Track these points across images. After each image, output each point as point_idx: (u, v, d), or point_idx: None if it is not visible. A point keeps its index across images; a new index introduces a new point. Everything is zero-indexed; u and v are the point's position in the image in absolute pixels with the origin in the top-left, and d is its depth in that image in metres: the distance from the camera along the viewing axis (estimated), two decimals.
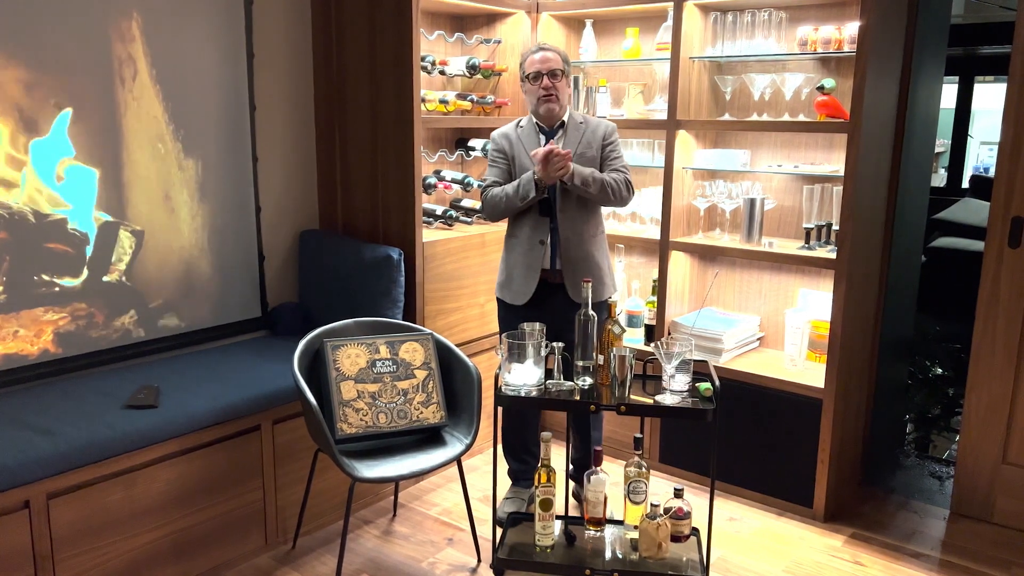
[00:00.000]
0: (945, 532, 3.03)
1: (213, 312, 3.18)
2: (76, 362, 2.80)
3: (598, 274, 2.89)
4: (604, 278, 2.94)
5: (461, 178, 3.56)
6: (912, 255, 3.55)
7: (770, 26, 3.15)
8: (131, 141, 2.86)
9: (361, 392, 2.63)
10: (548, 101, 2.82)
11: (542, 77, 2.81)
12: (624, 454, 3.43)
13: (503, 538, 2.62)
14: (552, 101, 2.82)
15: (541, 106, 2.84)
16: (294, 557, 2.79)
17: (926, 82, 3.28)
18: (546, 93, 2.81)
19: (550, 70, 2.81)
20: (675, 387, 2.44)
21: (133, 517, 2.43)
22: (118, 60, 2.79)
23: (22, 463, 2.18)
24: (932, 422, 4.05)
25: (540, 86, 2.82)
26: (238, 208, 3.21)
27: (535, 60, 2.83)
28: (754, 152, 3.39)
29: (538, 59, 2.82)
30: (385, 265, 3.09)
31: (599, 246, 2.94)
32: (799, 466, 3.08)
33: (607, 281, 2.96)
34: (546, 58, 2.82)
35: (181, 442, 2.51)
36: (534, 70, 2.82)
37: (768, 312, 3.44)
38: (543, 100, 2.83)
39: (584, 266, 2.86)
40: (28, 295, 2.67)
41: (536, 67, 2.82)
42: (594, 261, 2.90)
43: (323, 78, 3.39)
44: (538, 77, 2.82)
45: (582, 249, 2.87)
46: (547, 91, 2.81)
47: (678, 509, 2.54)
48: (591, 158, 2.87)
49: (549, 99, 2.82)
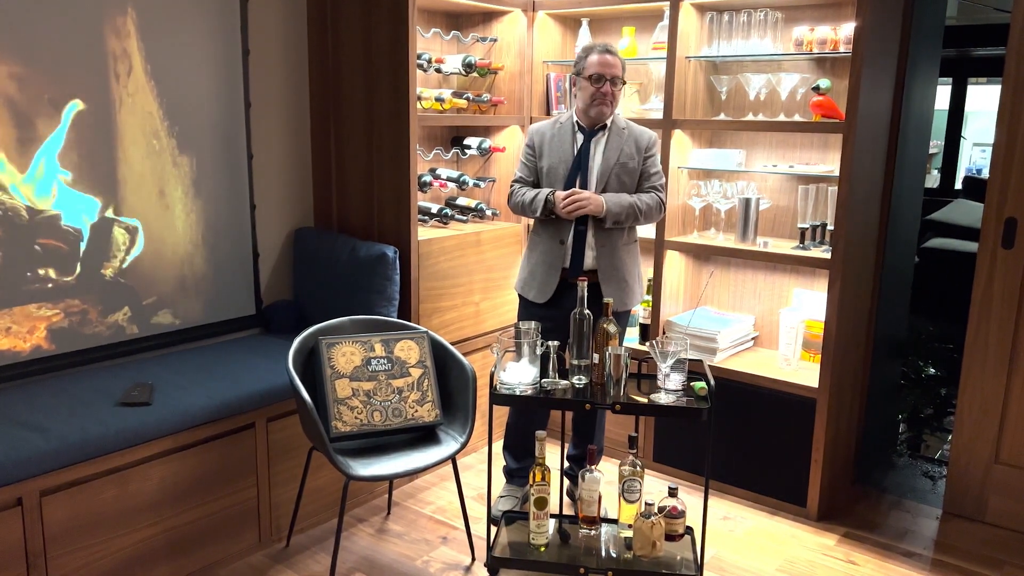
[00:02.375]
0: (938, 531, 3.04)
1: (207, 309, 3.17)
2: (69, 359, 2.79)
3: (629, 282, 2.91)
4: (634, 286, 2.95)
5: (457, 176, 3.56)
6: (906, 256, 3.56)
7: (766, 26, 3.16)
8: (125, 137, 2.85)
9: (356, 390, 2.62)
10: (602, 104, 2.80)
11: (604, 82, 2.78)
12: (618, 453, 3.44)
13: (497, 536, 2.63)
14: (606, 105, 2.80)
15: (594, 108, 2.81)
16: (288, 555, 2.78)
17: (921, 83, 3.29)
18: (603, 99, 2.79)
19: (612, 76, 2.78)
20: (670, 386, 2.44)
21: (126, 515, 2.42)
22: (113, 56, 2.77)
23: (15, 460, 2.17)
24: (925, 422, 4.06)
25: (599, 90, 2.78)
26: (233, 205, 3.20)
27: (598, 62, 2.79)
28: (749, 152, 3.39)
29: (602, 62, 2.79)
30: (380, 263, 3.08)
31: (631, 253, 2.95)
32: (792, 465, 3.09)
33: (636, 289, 2.97)
34: (611, 63, 2.79)
35: (175, 440, 2.50)
36: (596, 72, 2.78)
37: (763, 312, 3.45)
38: (597, 103, 2.80)
39: (615, 274, 2.87)
40: (21, 291, 2.66)
41: (598, 70, 2.78)
42: (625, 268, 2.90)
43: (319, 75, 3.38)
44: (600, 80, 2.78)
45: (616, 257, 2.87)
46: (604, 96, 2.79)
47: (672, 508, 2.54)
48: (632, 170, 2.87)
49: (603, 103, 2.80)
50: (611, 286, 2.86)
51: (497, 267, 3.57)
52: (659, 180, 2.92)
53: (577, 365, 2.51)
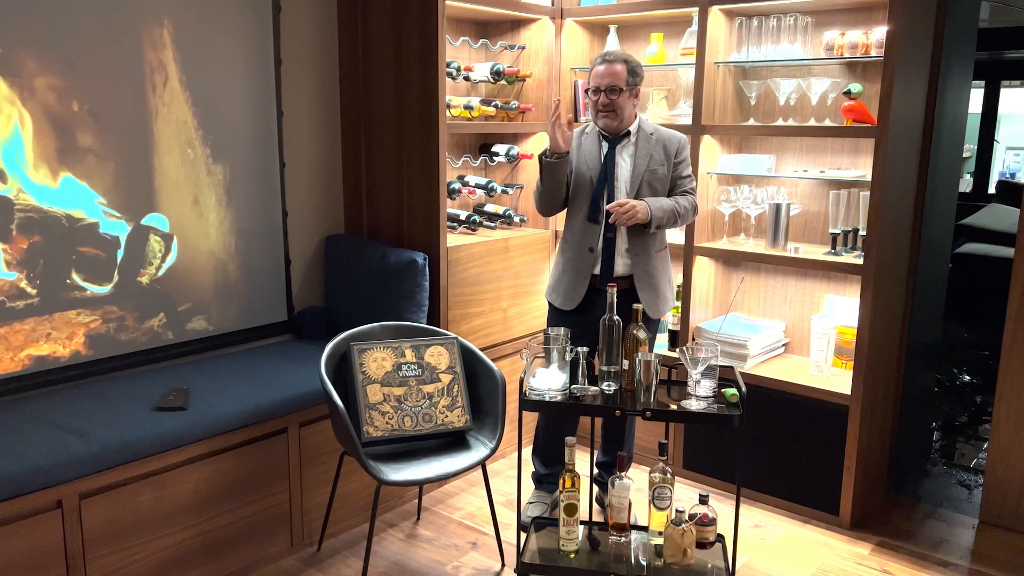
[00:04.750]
0: (974, 541, 2.99)
1: (240, 315, 3.22)
2: (106, 364, 2.84)
3: (662, 288, 2.91)
4: (667, 293, 2.94)
5: (485, 183, 3.57)
6: (939, 261, 3.51)
7: (796, 31, 3.14)
8: (161, 146, 2.90)
9: (387, 395, 2.64)
10: (604, 117, 2.78)
11: (600, 93, 2.75)
12: (647, 460, 3.42)
13: (527, 543, 2.63)
14: (609, 117, 2.77)
15: (599, 120, 2.80)
16: (319, 559, 2.81)
17: (954, 86, 3.25)
18: (604, 110, 2.77)
19: (608, 86, 2.73)
20: (701, 393, 2.43)
21: (162, 518, 2.46)
22: (149, 67, 2.83)
23: (55, 463, 2.21)
24: (959, 430, 4.00)
25: (598, 102, 2.76)
26: (265, 212, 3.24)
27: (594, 74, 2.76)
28: (779, 157, 3.37)
29: (600, 72, 2.75)
30: (410, 269, 3.10)
31: (663, 260, 2.94)
32: (825, 473, 3.05)
33: (669, 296, 2.96)
34: (607, 72, 2.73)
35: (209, 444, 2.54)
36: (594, 84, 2.76)
37: (793, 318, 3.42)
38: (600, 115, 2.78)
39: (650, 281, 2.86)
40: (60, 298, 2.72)
41: (595, 82, 2.76)
42: (659, 275, 2.89)
43: (349, 84, 3.42)
44: (597, 92, 2.75)
45: (650, 264, 2.87)
46: (604, 108, 2.76)
47: (703, 515, 2.53)
48: (662, 176, 2.85)
49: (606, 115, 2.77)
50: (647, 294, 2.85)
51: (525, 273, 3.58)
52: (691, 183, 2.91)
53: (607, 371, 2.51)
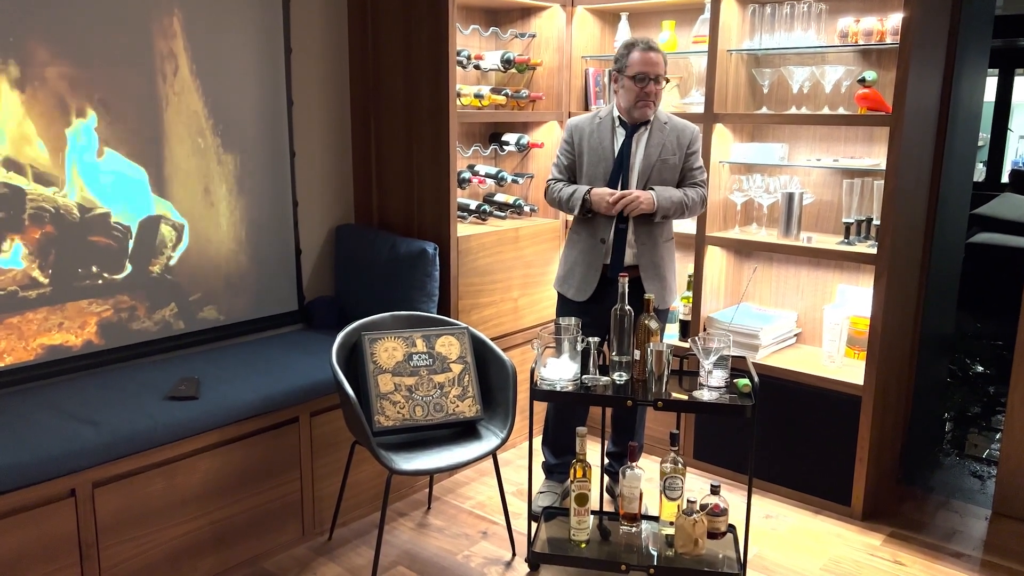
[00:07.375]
0: (987, 532, 2.98)
1: (251, 305, 3.22)
2: (118, 354, 2.85)
3: (668, 279, 2.90)
4: (672, 283, 2.93)
5: (495, 172, 3.56)
6: (953, 250, 3.49)
7: (809, 18, 3.11)
8: (172, 136, 2.90)
9: (398, 385, 2.64)
10: (646, 105, 2.74)
11: (648, 82, 2.71)
12: (658, 450, 3.42)
13: (538, 532, 2.63)
14: (649, 106, 2.75)
15: (637, 110, 2.75)
16: (331, 548, 2.82)
17: (969, 74, 3.21)
18: (647, 100, 2.73)
19: (656, 75, 2.71)
20: (712, 383, 2.42)
21: (174, 507, 2.46)
22: (160, 56, 2.82)
23: (68, 452, 2.22)
24: (972, 420, 3.97)
25: (643, 90, 2.72)
26: (275, 202, 3.24)
27: (641, 60, 2.71)
28: (792, 146, 3.35)
29: (645, 60, 2.71)
30: (420, 259, 3.10)
31: (669, 250, 2.93)
32: (837, 464, 3.04)
33: (674, 286, 2.95)
34: (654, 60, 2.71)
35: (221, 433, 2.54)
36: (640, 71, 2.71)
37: (806, 308, 3.40)
38: (641, 104, 2.74)
39: (656, 271, 2.85)
40: (72, 287, 2.72)
41: (642, 69, 2.71)
42: (664, 265, 2.89)
43: (359, 73, 3.41)
44: (644, 80, 2.71)
45: (656, 254, 2.86)
46: (648, 96, 2.72)
47: (715, 506, 2.52)
48: (673, 166, 2.83)
49: (647, 105, 2.74)
50: (653, 284, 2.84)
51: (535, 263, 3.57)
52: (701, 175, 2.89)
53: (618, 361, 2.50)
